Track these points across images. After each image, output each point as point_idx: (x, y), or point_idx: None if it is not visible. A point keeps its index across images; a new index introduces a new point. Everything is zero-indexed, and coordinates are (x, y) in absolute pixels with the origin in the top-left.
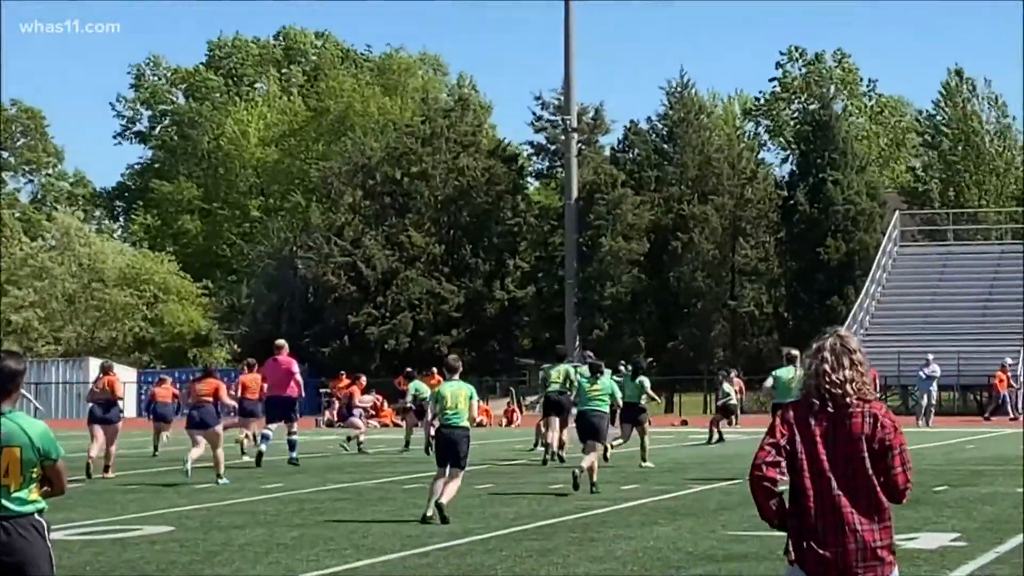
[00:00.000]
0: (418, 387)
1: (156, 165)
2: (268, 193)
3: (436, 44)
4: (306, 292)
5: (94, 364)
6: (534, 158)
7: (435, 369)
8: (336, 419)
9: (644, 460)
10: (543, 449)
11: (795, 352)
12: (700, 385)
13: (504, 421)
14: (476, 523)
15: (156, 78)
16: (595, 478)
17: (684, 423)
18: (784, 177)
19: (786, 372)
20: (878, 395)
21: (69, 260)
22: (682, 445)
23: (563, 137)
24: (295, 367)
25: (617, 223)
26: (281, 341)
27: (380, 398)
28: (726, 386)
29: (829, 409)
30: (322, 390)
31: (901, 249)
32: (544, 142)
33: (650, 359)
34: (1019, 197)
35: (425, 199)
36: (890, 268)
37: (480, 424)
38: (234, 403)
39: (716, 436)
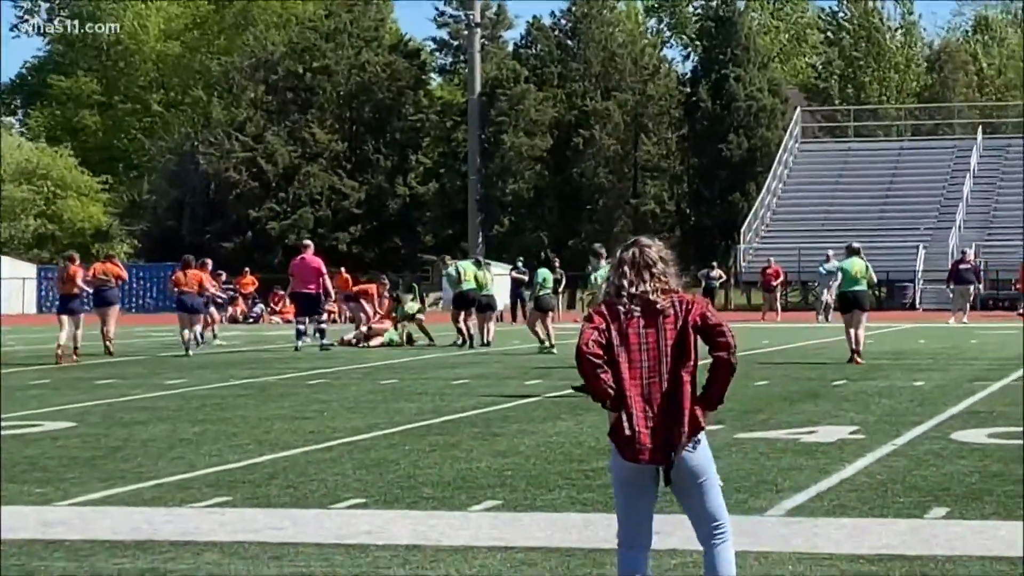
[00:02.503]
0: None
1: (55, 58)
2: (169, 88)
3: None
4: (207, 188)
5: None
6: (437, 54)
7: (342, 269)
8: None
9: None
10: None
11: (856, 244)
12: None
13: None
14: (379, 418)
15: None
16: None
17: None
18: (687, 74)
19: (850, 263)
20: (780, 288)
21: None
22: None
23: (466, 32)
24: (323, 266)
25: (520, 119)
26: (307, 241)
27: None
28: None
29: (636, 310)
30: (225, 286)
31: (802, 146)
32: (447, 37)
33: (553, 255)
34: (919, 94)
35: (327, 95)
36: (791, 164)
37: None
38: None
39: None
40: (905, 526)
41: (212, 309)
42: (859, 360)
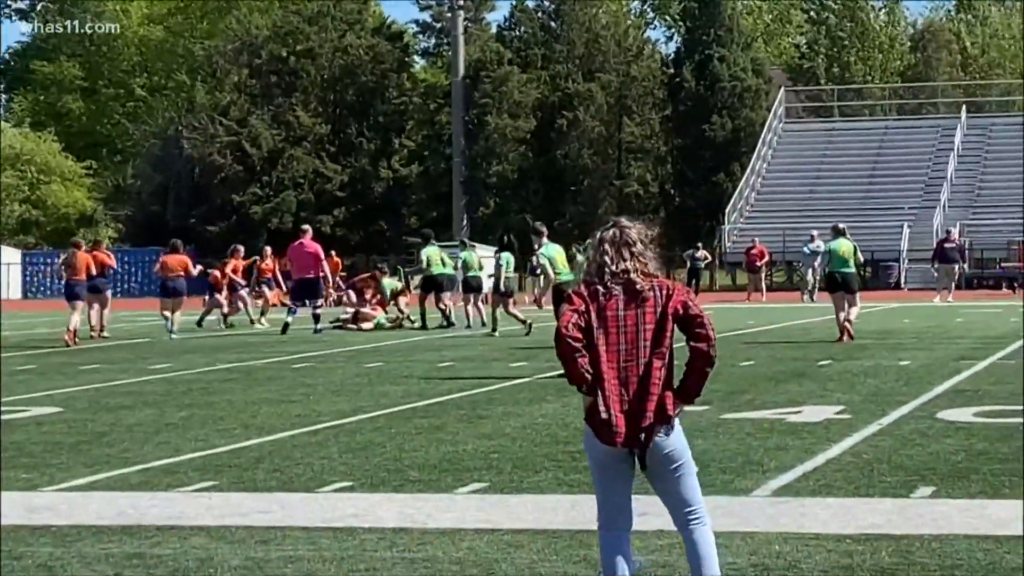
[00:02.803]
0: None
1: (38, 44)
2: (152, 72)
3: None
4: (192, 172)
5: None
6: (420, 36)
7: (332, 252)
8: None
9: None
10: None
11: (842, 225)
12: None
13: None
14: (365, 401)
15: None
16: None
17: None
18: (670, 55)
19: (837, 244)
20: (765, 269)
21: None
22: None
23: (449, 15)
24: (321, 251)
25: (504, 101)
26: (306, 226)
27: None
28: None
29: (617, 292)
30: (211, 270)
31: (786, 126)
32: (430, 20)
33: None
34: (903, 73)
35: (311, 78)
36: (775, 145)
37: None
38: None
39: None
40: (891, 505)
41: (243, 292)
42: (850, 335)
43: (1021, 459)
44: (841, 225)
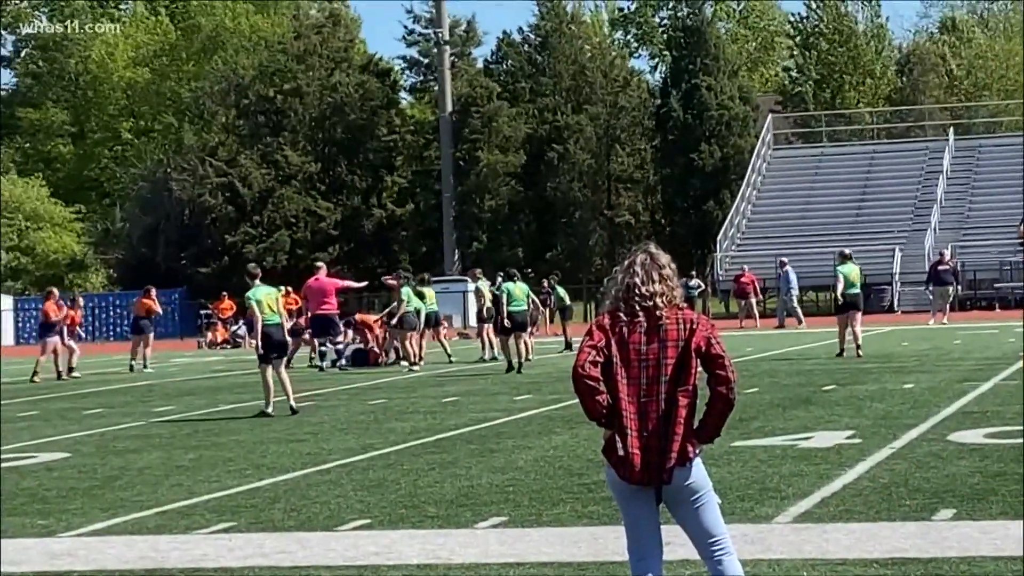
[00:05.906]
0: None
1: (24, 91)
2: (139, 115)
3: None
4: (182, 214)
5: None
6: (407, 72)
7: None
8: (219, 340)
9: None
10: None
11: (848, 251)
12: (580, 295)
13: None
14: (373, 438)
15: (19, 0)
16: None
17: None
18: (657, 84)
19: (846, 269)
20: (758, 299)
21: None
22: (570, 353)
23: (436, 50)
24: (338, 284)
25: (493, 136)
26: (320, 263)
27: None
28: (560, 290)
29: (640, 319)
30: (203, 311)
31: (775, 152)
32: (417, 56)
33: (528, 270)
34: (891, 97)
35: (299, 116)
36: (764, 171)
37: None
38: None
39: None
40: (915, 528)
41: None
42: (858, 353)
43: None
44: (848, 251)
